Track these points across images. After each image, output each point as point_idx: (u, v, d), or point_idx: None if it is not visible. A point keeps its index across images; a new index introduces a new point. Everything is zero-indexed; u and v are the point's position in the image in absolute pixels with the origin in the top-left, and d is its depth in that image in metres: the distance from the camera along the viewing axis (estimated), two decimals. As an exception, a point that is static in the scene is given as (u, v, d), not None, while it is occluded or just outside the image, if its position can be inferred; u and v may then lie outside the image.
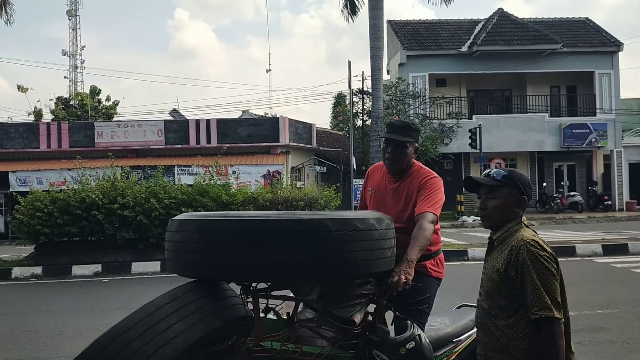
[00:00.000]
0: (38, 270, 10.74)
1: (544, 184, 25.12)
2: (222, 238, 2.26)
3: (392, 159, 3.08)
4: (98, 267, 10.80)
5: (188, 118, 26.45)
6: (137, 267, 10.82)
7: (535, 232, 2.32)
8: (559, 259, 2.27)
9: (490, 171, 2.37)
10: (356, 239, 2.34)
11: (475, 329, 3.05)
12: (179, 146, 23.06)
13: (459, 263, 10.86)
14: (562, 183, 25.83)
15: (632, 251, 11.79)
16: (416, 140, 3.12)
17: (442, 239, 3.46)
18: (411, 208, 3.01)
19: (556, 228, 17.72)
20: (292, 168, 23.53)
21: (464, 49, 24.81)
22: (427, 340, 2.53)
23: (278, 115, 25.54)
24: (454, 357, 3.12)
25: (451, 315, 3.36)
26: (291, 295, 2.62)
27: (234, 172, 20.11)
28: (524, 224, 2.33)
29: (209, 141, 22.85)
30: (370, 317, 2.59)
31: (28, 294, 9.02)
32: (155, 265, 10.83)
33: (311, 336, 2.61)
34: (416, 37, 25.87)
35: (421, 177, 3.07)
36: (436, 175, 3.12)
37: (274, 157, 23.08)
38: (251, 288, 2.43)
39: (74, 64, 42.93)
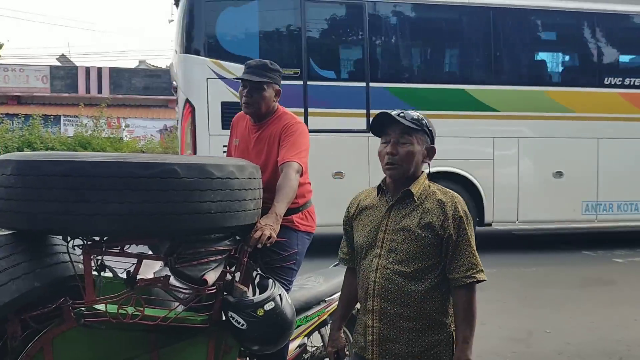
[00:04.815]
0: None
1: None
2: (44, 182, 1.87)
3: (248, 102, 2.77)
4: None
5: (77, 65, 24.71)
6: None
7: None
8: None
9: (400, 112, 1.94)
10: (211, 187, 2.04)
11: None
12: (67, 95, 21.52)
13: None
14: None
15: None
16: (276, 81, 2.82)
17: None
18: (274, 157, 2.75)
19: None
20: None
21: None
22: (289, 301, 2.30)
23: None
24: (325, 316, 2.95)
25: (326, 274, 3.18)
26: (137, 251, 2.28)
27: (127, 125, 19.02)
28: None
29: (100, 91, 21.50)
30: (229, 276, 2.32)
31: None
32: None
33: (163, 298, 2.31)
34: None
35: (283, 122, 2.80)
36: (300, 120, 2.86)
37: (172, 111, 22.10)
38: (83, 243, 2.06)
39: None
